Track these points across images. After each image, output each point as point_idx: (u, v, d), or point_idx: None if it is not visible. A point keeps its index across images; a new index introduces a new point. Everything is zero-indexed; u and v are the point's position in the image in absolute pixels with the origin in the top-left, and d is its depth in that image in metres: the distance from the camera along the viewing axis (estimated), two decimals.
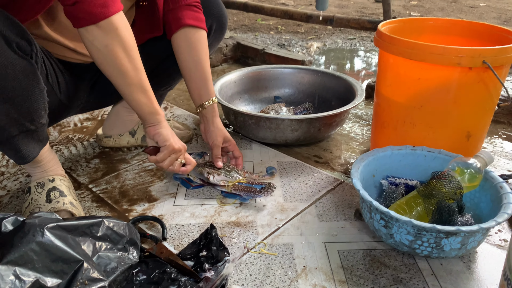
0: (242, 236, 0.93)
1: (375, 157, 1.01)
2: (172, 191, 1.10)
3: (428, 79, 0.99)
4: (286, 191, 1.09)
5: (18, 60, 0.77)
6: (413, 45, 0.96)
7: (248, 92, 1.57)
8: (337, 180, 1.15)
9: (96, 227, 0.76)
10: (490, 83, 0.97)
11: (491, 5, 3.83)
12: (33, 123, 0.83)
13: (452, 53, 0.93)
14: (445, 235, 0.78)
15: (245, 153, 1.28)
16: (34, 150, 0.89)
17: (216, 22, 1.15)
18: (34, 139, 0.88)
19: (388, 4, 1.58)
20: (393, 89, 1.07)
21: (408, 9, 3.69)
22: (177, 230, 0.95)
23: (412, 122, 1.05)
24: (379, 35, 1.06)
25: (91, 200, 1.06)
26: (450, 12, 3.59)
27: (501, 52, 0.93)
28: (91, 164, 1.23)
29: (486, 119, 1.06)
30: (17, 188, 1.11)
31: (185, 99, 1.71)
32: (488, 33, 1.13)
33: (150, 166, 1.21)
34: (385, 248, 0.89)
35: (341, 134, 1.42)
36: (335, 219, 0.99)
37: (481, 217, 0.92)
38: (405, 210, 0.90)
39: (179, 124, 1.37)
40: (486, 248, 0.90)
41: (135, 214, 1.01)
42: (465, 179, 0.90)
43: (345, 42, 2.78)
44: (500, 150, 1.31)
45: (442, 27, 1.20)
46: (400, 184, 0.99)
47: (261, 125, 1.25)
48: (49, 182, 0.95)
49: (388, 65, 1.07)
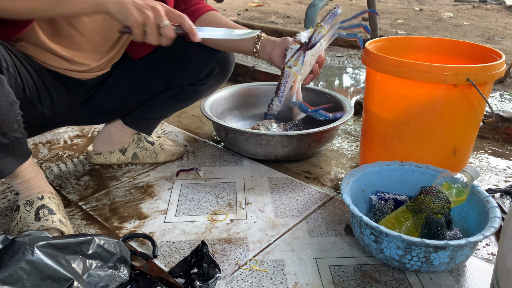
0: (233, 252, 0.93)
1: (364, 172, 1.02)
2: (163, 208, 1.09)
3: (414, 96, 1.01)
4: (277, 207, 1.10)
5: None
6: (400, 63, 0.99)
7: (238, 108, 1.59)
8: (328, 195, 1.16)
9: (87, 245, 0.75)
10: (475, 100, 1.00)
11: (475, 24, 3.94)
12: (5, 136, 0.81)
13: (437, 71, 0.96)
14: (434, 249, 0.79)
15: (236, 170, 1.29)
16: (11, 165, 0.87)
17: (219, 66, 1.14)
18: (9, 153, 0.86)
19: (375, 23, 1.62)
20: (381, 106, 1.09)
21: (394, 27, 3.77)
22: (168, 248, 0.95)
23: (400, 138, 1.07)
24: (366, 53, 1.09)
25: (81, 218, 1.06)
26: (435, 30, 3.68)
27: (484, 70, 0.96)
28: (81, 181, 1.22)
29: (471, 134, 1.09)
30: (5, 206, 1.10)
31: (176, 116, 1.71)
32: (472, 52, 1.16)
33: (141, 183, 1.21)
34: (376, 263, 0.90)
35: (331, 150, 1.43)
36: (326, 234, 0.99)
37: (469, 231, 0.93)
38: (394, 225, 0.91)
39: (170, 141, 1.38)
40: (475, 262, 0.91)
41: (126, 232, 1.00)
42: (453, 193, 0.92)
43: (334, 60, 2.83)
44: (486, 165, 1.34)
45: (427, 45, 1.23)
46: (389, 199, 1.00)
47: (251, 141, 1.26)
48: (38, 200, 0.94)
49: (375, 82, 1.09)
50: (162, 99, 1.19)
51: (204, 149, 1.42)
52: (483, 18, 4.23)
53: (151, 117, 1.24)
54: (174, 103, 1.21)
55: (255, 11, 4.58)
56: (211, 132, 1.55)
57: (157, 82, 1.16)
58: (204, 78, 1.15)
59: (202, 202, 1.12)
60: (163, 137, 1.38)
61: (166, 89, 1.18)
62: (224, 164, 1.32)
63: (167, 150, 1.32)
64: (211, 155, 1.37)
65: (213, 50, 1.12)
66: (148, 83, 1.16)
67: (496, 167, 1.32)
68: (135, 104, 1.20)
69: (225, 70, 1.16)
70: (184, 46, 1.10)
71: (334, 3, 4.92)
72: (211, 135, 1.53)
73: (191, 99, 1.21)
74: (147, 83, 1.16)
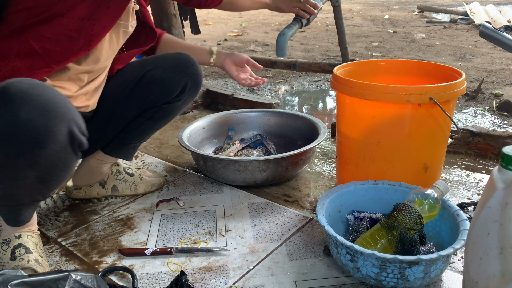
0: (213, 281, 0.93)
1: (339, 193, 1.04)
2: (143, 240, 1.09)
3: (382, 117, 1.05)
4: (257, 232, 1.11)
5: (73, 156, 0.86)
6: (366, 86, 1.03)
7: (217, 137, 1.61)
8: (307, 218, 1.17)
9: (63, 281, 0.75)
10: (440, 118, 1.04)
11: (446, 43, 4.09)
12: (45, 195, 0.93)
13: (401, 92, 1.00)
14: (408, 265, 0.81)
15: (216, 197, 1.30)
16: (30, 216, 0.96)
17: (191, 81, 1.20)
18: (34, 207, 0.96)
19: (345, 47, 1.68)
20: (352, 127, 1.12)
21: (370, 50, 3.89)
22: (148, 279, 0.94)
23: (372, 157, 1.10)
24: (335, 78, 1.13)
25: (60, 254, 1.05)
26: (409, 51, 3.81)
27: (445, 88, 1.01)
28: (60, 218, 1.22)
29: (440, 150, 1.13)
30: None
31: (156, 147, 1.73)
32: (436, 72, 1.22)
33: (120, 216, 1.21)
34: (354, 283, 0.91)
35: (309, 172, 1.46)
36: (305, 257, 1.00)
37: (443, 245, 0.95)
38: (370, 243, 0.92)
39: (150, 172, 1.38)
40: (450, 276, 0.93)
41: (105, 266, 1.00)
42: (425, 209, 0.94)
43: (311, 84, 2.90)
44: (459, 179, 1.37)
45: (393, 67, 1.29)
46: (364, 218, 1.02)
47: (230, 168, 1.28)
48: (15, 239, 0.94)
49: (345, 105, 1.13)
50: (141, 122, 1.22)
51: (184, 178, 1.43)
52: (454, 38, 4.39)
53: (130, 142, 1.26)
54: (154, 124, 1.25)
55: (234, 41, 4.68)
56: (191, 161, 1.57)
57: (135, 105, 1.19)
58: (179, 94, 1.20)
59: (182, 231, 1.12)
60: (143, 168, 1.39)
61: (143, 112, 1.21)
62: (204, 192, 1.33)
63: (147, 181, 1.33)
64: (191, 184, 1.39)
65: (183, 67, 1.19)
66: (126, 108, 1.19)
67: (469, 181, 1.36)
68: (115, 132, 1.23)
69: (196, 84, 1.23)
70: (156, 66, 1.18)
71: (307, 32, 5.06)
72: (191, 164, 1.55)
73: (169, 116, 1.25)
74: (124, 109, 1.19)
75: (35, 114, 0.76)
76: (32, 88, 0.77)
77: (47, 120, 0.77)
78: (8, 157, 0.78)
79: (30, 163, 0.80)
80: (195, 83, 1.21)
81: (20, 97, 0.75)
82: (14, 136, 0.76)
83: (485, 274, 0.60)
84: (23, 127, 0.75)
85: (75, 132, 0.83)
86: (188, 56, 1.20)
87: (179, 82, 1.18)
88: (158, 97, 1.18)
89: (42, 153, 0.79)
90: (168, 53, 1.23)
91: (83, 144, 0.86)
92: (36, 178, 0.83)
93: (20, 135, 0.76)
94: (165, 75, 1.17)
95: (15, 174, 0.81)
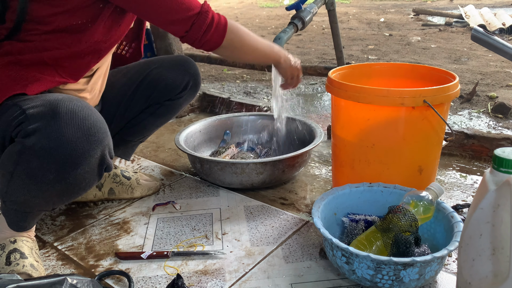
0: (209, 284, 0.94)
1: (335, 195, 1.05)
2: (139, 244, 1.10)
3: (377, 119, 1.06)
4: (253, 235, 1.11)
5: (96, 178, 0.89)
6: (360, 89, 1.04)
7: (213, 140, 1.62)
8: (303, 220, 1.18)
9: (59, 285, 0.75)
10: (434, 120, 1.05)
11: (442, 46, 4.11)
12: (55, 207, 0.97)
13: (395, 95, 1.01)
14: (403, 267, 0.82)
15: (212, 200, 1.30)
16: (33, 223, 0.98)
17: (192, 80, 1.27)
18: (40, 215, 0.98)
19: (340, 51, 1.69)
20: (347, 130, 1.13)
21: (366, 53, 3.91)
22: (144, 283, 0.95)
23: (367, 160, 1.11)
24: (330, 82, 1.14)
25: (57, 259, 1.05)
26: (404, 54, 3.83)
27: (439, 91, 1.02)
28: (56, 222, 1.22)
29: (435, 153, 1.13)
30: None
31: (152, 150, 1.73)
32: (430, 74, 1.23)
33: (117, 220, 1.21)
34: (350, 285, 0.92)
35: (306, 175, 1.46)
36: (301, 259, 1.01)
37: (438, 247, 0.96)
38: (365, 246, 0.93)
39: (146, 176, 1.39)
40: (445, 277, 0.94)
41: (102, 270, 1.00)
42: (420, 211, 0.95)
43: (308, 87, 2.91)
44: (454, 181, 1.38)
45: (388, 70, 1.30)
46: (360, 220, 1.03)
47: (226, 170, 1.28)
48: (10, 244, 0.94)
49: (340, 108, 1.14)
50: (143, 118, 1.28)
51: (181, 181, 1.44)
52: (449, 41, 4.42)
53: (131, 139, 1.32)
54: (155, 120, 1.30)
55: None
56: (188, 165, 1.57)
57: (139, 101, 1.25)
58: (181, 91, 1.26)
59: (179, 235, 1.13)
60: (140, 172, 1.40)
61: (145, 108, 1.26)
62: (200, 196, 1.33)
63: (143, 185, 1.33)
64: (187, 187, 1.39)
65: (186, 67, 1.26)
66: (131, 104, 1.25)
67: (464, 183, 1.37)
68: (117, 129, 1.27)
69: (197, 83, 1.29)
70: (160, 65, 1.23)
71: (303, 35, 5.08)
72: (188, 167, 1.55)
73: (169, 113, 1.31)
74: (129, 105, 1.25)
75: (79, 136, 0.80)
76: (80, 110, 0.81)
77: (87, 144, 0.81)
78: (40, 169, 0.80)
79: (59, 179, 0.82)
80: (195, 82, 1.28)
81: (69, 117, 0.79)
82: (54, 152, 0.79)
83: (477, 275, 0.61)
84: (65, 146, 0.79)
85: (106, 156, 0.87)
86: (189, 58, 1.27)
87: (182, 80, 1.24)
88: (162, 93, 1.24)
89: (73, 173, 0.82)
90: (170, 55, 1.31)
91: (110, 167, 0.90)
92: (56, 192, 0.85)
93: (60, 153, 0.79)
94: (169, 73, 1.24)
95: (40, 186, 0.83)
